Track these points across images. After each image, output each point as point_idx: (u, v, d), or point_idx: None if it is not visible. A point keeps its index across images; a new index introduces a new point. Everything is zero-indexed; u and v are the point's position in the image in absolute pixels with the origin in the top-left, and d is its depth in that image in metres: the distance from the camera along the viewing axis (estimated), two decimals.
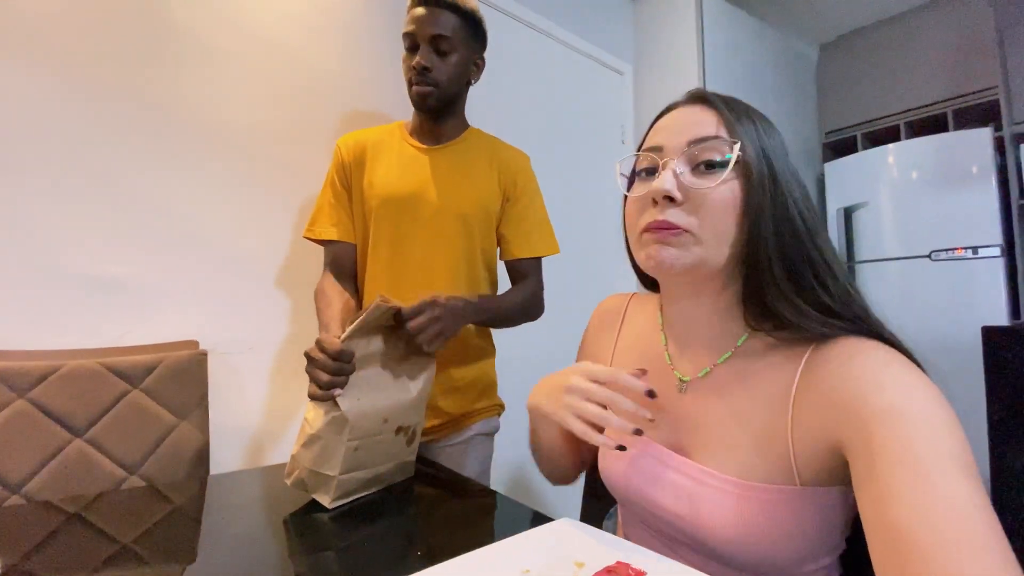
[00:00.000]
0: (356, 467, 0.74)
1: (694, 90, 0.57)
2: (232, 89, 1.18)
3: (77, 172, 0.99)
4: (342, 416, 0.72)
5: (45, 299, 0.95)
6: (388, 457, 0.79)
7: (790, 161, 0.53)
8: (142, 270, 1.05)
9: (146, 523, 0.70)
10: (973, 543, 0.33)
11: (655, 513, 0.56)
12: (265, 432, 1.17)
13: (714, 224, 0.49)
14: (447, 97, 1.03)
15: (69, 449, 0.87)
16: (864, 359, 0.44)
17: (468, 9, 1.01)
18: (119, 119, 1.04)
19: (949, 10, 2.55)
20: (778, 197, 0.49)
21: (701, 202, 0.49)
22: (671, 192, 0.49)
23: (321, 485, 0.73)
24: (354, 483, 0.75)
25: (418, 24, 0.98)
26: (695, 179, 0.50)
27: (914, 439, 0.38)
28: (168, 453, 0.95)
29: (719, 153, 0.49)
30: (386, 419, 0.78)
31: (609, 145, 2.26)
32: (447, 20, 0.99)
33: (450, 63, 1.01)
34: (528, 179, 1.11)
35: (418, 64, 0.98)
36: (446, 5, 0.99)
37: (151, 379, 0.96)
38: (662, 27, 2.31)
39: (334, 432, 0.72)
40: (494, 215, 1.07)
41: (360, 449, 0.74)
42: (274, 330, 1.22)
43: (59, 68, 0.97)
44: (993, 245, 2.14)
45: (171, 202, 1.09)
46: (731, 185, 0.49)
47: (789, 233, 0.49)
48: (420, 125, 1.08)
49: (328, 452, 0.72)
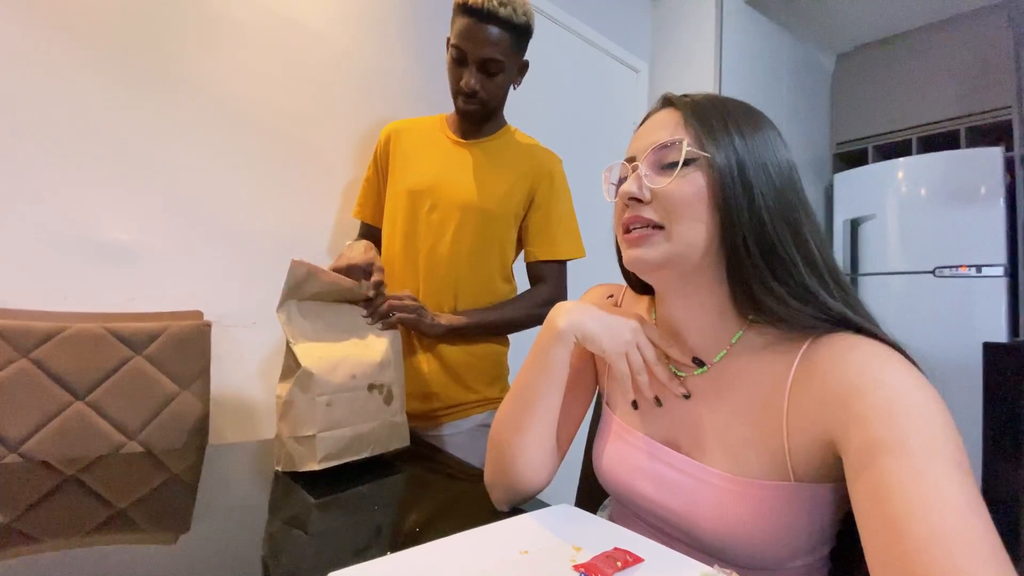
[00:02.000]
0: (334, 424, 0.77)
1: (664, 95, 0.58)
2: (251, 65, 1.17)
3: (90, 137, 0.98)
4: (305, 371, 0.75)
5: (53, 261, 0.95)
6: (367, 415, 0.82)
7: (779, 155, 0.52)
8: (151, 238, 1.04)
9: (142, 490, 0.71)
10: (966, 537, 0.34)
11: (649, 508, 0.56)
12: (264, 406, 1.17)
13: (680, 218, 0.50)
14: (492, 110, 1.05)
15: (69, 411, 0.88)
16: (860, 355, 0.45)
17: (522, 23, 0.96)
18: (135, 87, 1.03)
19: (967, 27, 2.54)
20: (753, 190, 0.49)
21: (667, 199, 0.51)
22: (635, 194, 0.52)
23: (306, 451, 0.74)
24: (337, 442, 0.77)
25: (470, 42, 0.95)
26: (658, 178, 0.52)
27: (909, 435, 0.38)
28: (168, 421, 0.95)
29: (677, 153, 0.51)
30: (353, 375, 0.81)
31: (621, 142, 2.25)
32: (499, 40, 0.95)
33: (498, 83, 1.00)
34: (558, 182, 1.10)
35: (467, 86, 0.98)
36: (499, 21, 0.93)
37: (154, 347, 0.96)
38: (680, 26, 2.30)
39: (301, 391, 0.75)
40: (518, 214, 1.07)
41: (332, 405, 0.77)
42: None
43: (74, 33, 0.97)
44: (997, 264, 2.14)
45: (183, 173, 1.09)
46: (693, 180, 0.50)
47: (769, 222, 0.49)
48: (459, 122, 1.09)
49: (302, 414, 0.75)
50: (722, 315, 0.55)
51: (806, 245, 0.50)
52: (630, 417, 0.63)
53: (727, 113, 0.53)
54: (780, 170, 0.51)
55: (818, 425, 0.45)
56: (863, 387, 0.42)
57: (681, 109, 0.54)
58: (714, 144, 0.50)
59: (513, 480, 0.61)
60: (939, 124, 2.61)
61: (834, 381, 0.45)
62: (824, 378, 0.46)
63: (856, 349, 0.45)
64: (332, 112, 1.31)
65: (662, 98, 0.58)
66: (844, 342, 0.47)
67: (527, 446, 0.61)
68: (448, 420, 1.05)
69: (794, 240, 0.49)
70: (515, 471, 0.61)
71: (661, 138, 0.53)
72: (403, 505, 0.72)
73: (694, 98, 0.55)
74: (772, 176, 0.51)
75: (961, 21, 2.57)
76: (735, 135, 0.51)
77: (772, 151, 0.52)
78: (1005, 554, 0.34)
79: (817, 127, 2.96)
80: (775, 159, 0.52)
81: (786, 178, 0.52)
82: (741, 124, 0.52)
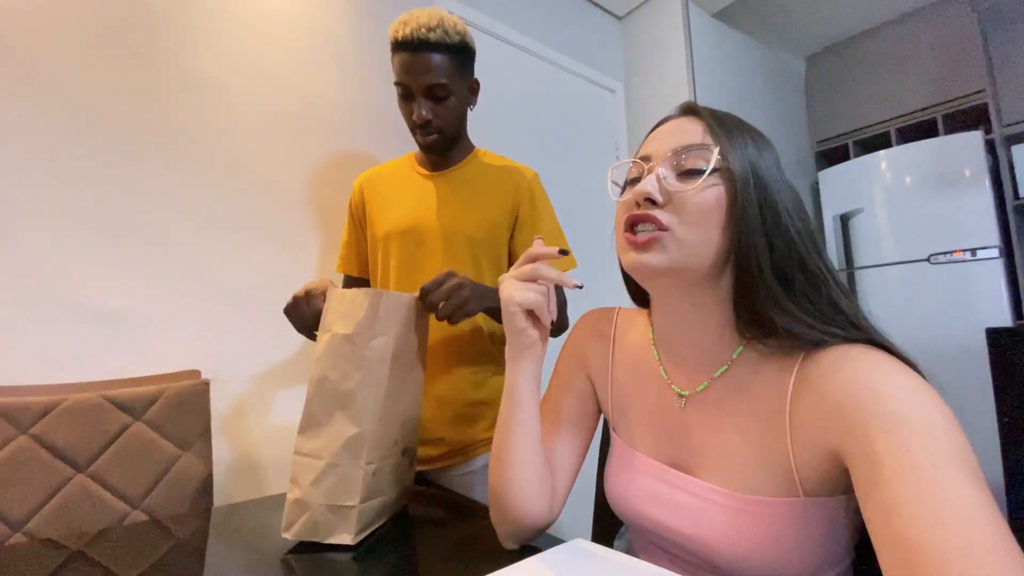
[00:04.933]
0: (372, 495, 0.69)
1: (685, 103, 0.58)
2: (227, 118, 1.20)
3: (74, 204, 1.00)
4: (360, 435, 0.67)
5: (46, 332, 0.95)
6: (396, 482, 0.76)
7: (784, 175, 0.53)
8: (142, 301, 1.05)
9: (150, 559, 0.69)
10: (983, 548, 0.33)
11: (661, 533, 0.55)
12: (269, 461, 1.16)
13: (693, 226, 0.49)
14: (452, 136, 1.03)
15: (71, 485, 0.86)
16: (855, 364, 0.44)
17: (456, 43, 0.95)
18: (115, 150, 1.05)
19: (933, 17, 2.60)
20: (768, 205, 0.49)
21: (682, 205, 0.50)
22: (652, 194, 0.50)
23: (340, 522, 0.66)
24: (369, 514, 0.69)
25: (409, 75, 0.94)
26: (678, 183, 0.51)
27: (914, 446, 0.37)
28: (171, 485, 0.94)
29: (703, 160, 0.50)
30: (396, 440, 0.74)
31: (603, 162, 2.28)
32: (438, 64, 0.93)
33: (449, 107, 0.99)
34: (538, 196, 1.08)
35: (419, 118, 0.97)
36: (433, 46, 0.92)
37: (153, 410, 0.95)
38: (650, 45, 2.36)
39: (351, 456, 0.67)
40: (503, 235, 1.06)
41: (377, 474, 0.69)
42: (276, 357, 1.21)
43: (53, 99, 0.99)
44: (991, 246, 2.14)
45: (170, 231, 1.10)
46: (715, 191, 0.49)
47: (783, 242, 0.49)
48: (426, 156, 1.09)
49: (345, 480, 0.66)
50: (722, 333, 0.54)
51: (820, 262, 0.50)
52: (635, 440, 0.62)
53: (745, 128, 0.53)
54: (791, 189, 0.52)
55: (820, 437, 0.45)
56: (860, 397, 0.42)
57: (704, 118, 0.53)
58: (737, 157, 0.50)
59: (511, 514, 0.59)
60: (915, 114, 2.65)
61: (831, 391, 0.44)
62: (821, 389, 0.45)
63: (851, 358, 0.45)
64: (314, 162, 1.33)
65: (683, 105, 0.58)
66: (837, 351, 0.46)
67: (515, 476, 0.59)
68: (454, 463, 1.02)
69: (810, 258, 0.50)
70: (510, 504, 0.59)
71: (686, 142, 0.52)
72: (415, 553, 0.70)
73: (715, 111, 0.55)
74: (787, 195, 0.51)
75: (924, 12, 2.63)
76: (753, 150, 0.51)
77: (779, 170, 0.53)
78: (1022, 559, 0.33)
79: (796, 128, 3.01)
80: (786, 179, 0.53)
81: (796, 196, 0.53)
82: (757, 141, 0.53)
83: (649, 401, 0.61)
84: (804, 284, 0.49)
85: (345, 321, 0.69)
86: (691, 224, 0.49)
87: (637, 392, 0.63)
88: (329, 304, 0.70)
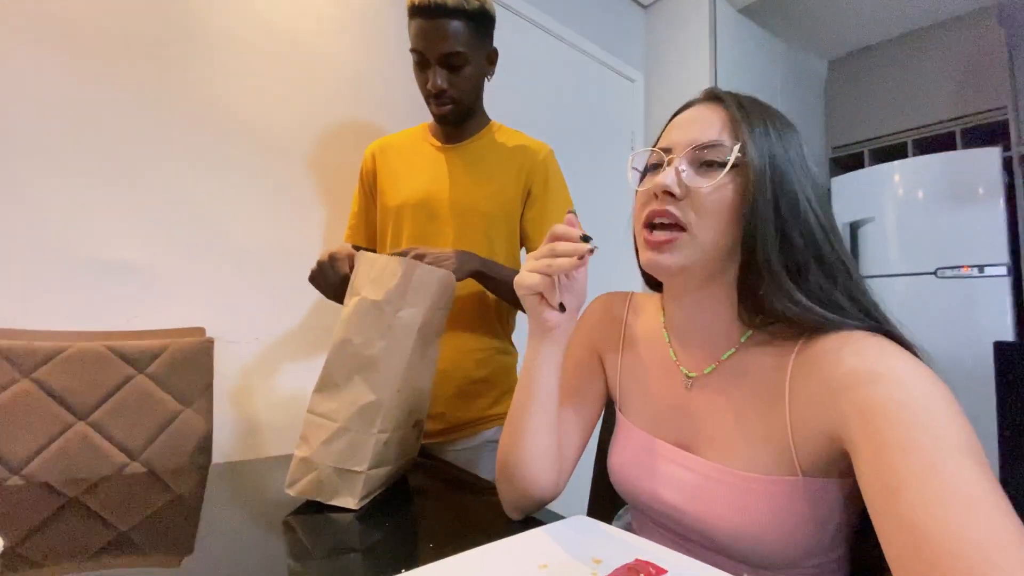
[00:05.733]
0: (381, 462, 0.69)
1: (709, 88, 0.58)
2: (250, 82, 1.18)
3: (91, 155, 0.99)
4: (376, 402, 0.66)
5: (54, 280, 0.94)
6: (403, 453, 0.76)
7: (808, 163, 0.53)
8: (152, 255, 1.04)
9: (146, 511, 0.69)
10: (994, 535, 0.32)
11: (663, 511, 0.56)
12: (269, 423, 1.16)
13: (710, 223, 0.50)
14: (467, 107, 1.01)
15: (71, 432, 0.86)
16: (856, 347, 0.44)
17: (475, 9, 0.91)
18: (136, 105, 1.03)
19: (959, 29, 2.57)
20: (786, 196, 0.49)
21: (700, 200, 0.50)
22: (671, 188, 0.51)
23: (345, 485, 0.67)
24: (374, 481, 0.70)
25: (426, 42, 0.91)
26: (696, 177, 0.51)
27: (915, 428, 0.37)
28: (171, 440, 0.94)
29: (722, 155, 0.50)
30: (410, 411, 0.74)
31: (618, 151, 2.26)
32: (456, 31, 0.90)
33: (465, 76, 0.95)
34: (552, 171, 1.06)
35: (434, 87, 0.94)
36: (451, 12, 0.89)
37: (156, 364, 0.95)
38: (674, 36, 2.33)
39: (365, 423, 0.67)
40: (516, 211, 1.04)
41: (388, 443, 0.69)
42: (281, 322, 1.21)
43: (74, 48, 0.97)
44: (999, 264, 2.14)
45: (184, 189, 1.09)
46: (732, 187, 0.50)
47: (800, 232, 0.49)
48: (441, 127, 1.06)
49: (357, 447, 0.66)
50: (731, 319, 0.55)
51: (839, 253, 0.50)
52: (640, 420, 0.62)
53: (768, 116, 0.53)
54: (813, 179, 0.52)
55: (819, 419, 0.45)
56: (860, 380, 0.42)
57: (728, 108, 0.53)
58: (756, 150, 0.50)
59: (520, 483, 0.60)
60: (934, 126, 2.62)
61: (830, 374, 0.44)
62: (821, 371, 0.45)
63: (850, 342, 0.45)
64: (335, 131, 1.31)
65: (707, 91, 0.57)
66: (839, 335, 0.46)
67: (527, 446, 0.60)
68: (457, 438, 1.02)
69: (830, 249, 0.50)
70: (520, 473, 0.60)
71: (706, 136, 0.52)
72: (415, 519, 0.70)
73: (739, 98, 0.54)
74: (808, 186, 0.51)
75: (951, 24, 2.60)
76: (775, 140, 0.51)
77: (802, 158, 0.52)
78: None
79: (812, 132, 2.98)
80: (809, 168, 0.52)
81: (817, 186, 0.52)
82: (781, 128, 0.52)
83: (656, 382, 0.62)
84: (819, 275, 0.49)
85: (375, 287, 0.68)
86: (707, 222, 0.50)
87: (645, 373, 0.64)
88: (360, 268, 0.70)
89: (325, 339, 1.24)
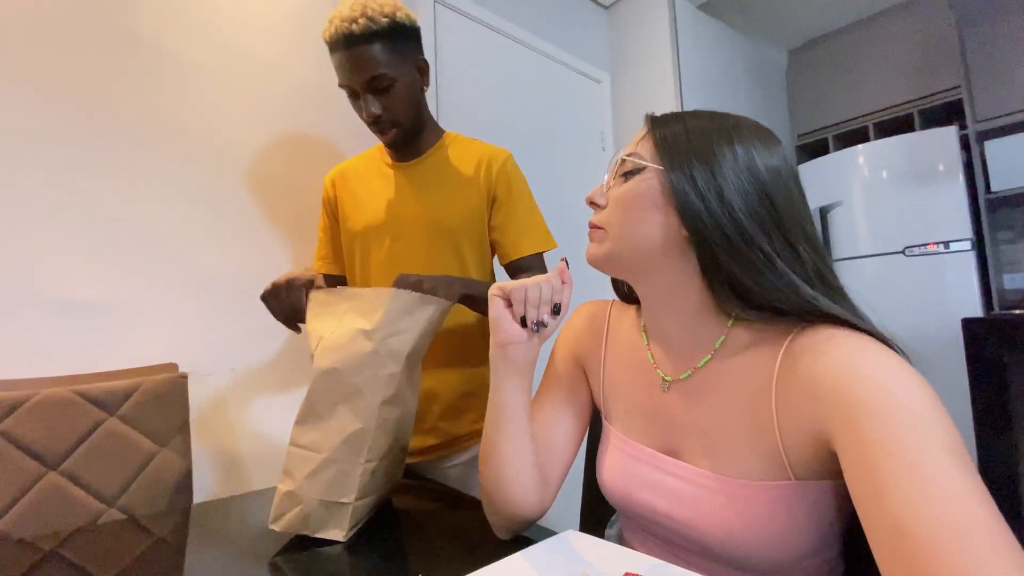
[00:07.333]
0: (368, 492, 0.68)
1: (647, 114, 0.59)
2: (209, 104, 1.16)
3: (46, 191, 0.95)
4: (363, 432, 0.66)
5: (14, 324, 0.91)
6: (387, 480, 0.75)
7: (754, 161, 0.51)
8: (116, 292, 1.01)
9: (126, 558, 0.67)
10: (974, 530, 0.33)
11: (653, 519, 0.56)
12: (251, 455, 1.13)
13: (617, 219, 0.55)
14: (410, 126, 0.99)
15: (43, 483, 0.83)
16: (838, 348, 0.44)
17: (385, 26, 0.88)
18: (91, 135, 1.00)
19: (911, 14, 2.64)
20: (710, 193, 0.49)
21: (611, 202, 0.57)
22: (593, 198, 0.59)
23: (332, 518, 0.66)
24: (361, 510, 0.68)
25: (348, 73, 0.90)
26: (613, 185, 0.58)
27: (900, 430, 0.38)
28: (148, 482, 0.91)
29: (631, 164, 0.56)
30: (397, 437, 0.73)
31: (589, 152, 2.28)
32: (374, 55, 0.88)
33: (398, 95, 0.93)
34: (513, 176, 1.04)
35: (369, 115, 0.93)
36: (362, 38, 0.87)
37: (128, 405, 0.92)
38: (636, 36, 2.35)
39: (352, 453, 0.66)
40: (482, 220, 1.02)
41: (375, 473, 0.68)
42: (257, 350, 1.19)
43: (26, 81, 0.94)
44: (964, 239, 2.20)
45: (145, 221, 1.06)
46: (637, 184, 0.54)
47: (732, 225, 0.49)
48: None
49: (343, 477, 0.65)
50: (704, 317, 0.55)
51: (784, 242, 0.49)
52: (627, 427, 0.62)
53: (689, 126, 0.54)
54: (749, 172, 0.51)
55: (806, 421, 0.45)
56: (844, 381, 0.42)
57: (647, 124, 0.57)
58: (668, 156, 0.52)
59: (504, 509, 0.61)
60: (893, 109, 2.69)
61: (815, 376, 0.44)
62: (806, 373, 0.45)
63: (833, 341, 0.45)
64: (297, 150, 1.29)
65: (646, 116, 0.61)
66: (822, 334, 0.47)
67: (505, 475, 0.60)
68: (443, 455, 1.01)
69: (767, 238, 0.49)
70: (502, 500, 0.60)
71: (627, 150, 0.57)
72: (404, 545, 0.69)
73: (665, 116, 0.57)
74: (736, 179, 0.50)
75: (903, 9, 2.67)
76: (691, 143, 0.52)
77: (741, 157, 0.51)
78: (1016, 543, 0.33)
79: (778, 121, 3.04)
80: (743, 164, 0.51)
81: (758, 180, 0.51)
82: (709, 135, 0.53)
83: (638, 388, 0.62)
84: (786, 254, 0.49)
85: (364, 315, 0.69)
86: (617, 217, 0.55)
87: (628, 380, 0.64)
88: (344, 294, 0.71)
89: (305, 365, 1.22)
